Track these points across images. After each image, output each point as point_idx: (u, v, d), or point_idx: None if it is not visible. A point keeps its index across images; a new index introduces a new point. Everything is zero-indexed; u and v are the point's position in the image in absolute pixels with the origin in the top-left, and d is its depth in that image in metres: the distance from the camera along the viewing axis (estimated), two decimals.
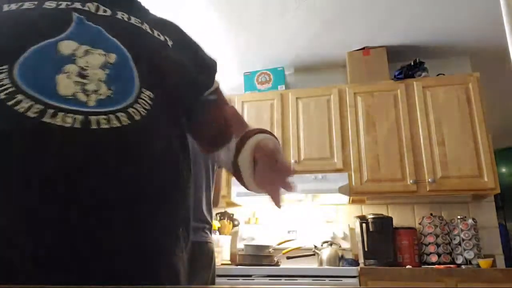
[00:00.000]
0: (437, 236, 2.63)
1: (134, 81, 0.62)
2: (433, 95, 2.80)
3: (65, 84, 0.55)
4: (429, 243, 2.63)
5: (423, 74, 2.93)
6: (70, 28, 0.61)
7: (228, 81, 3.56)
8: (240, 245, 2.92)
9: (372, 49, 3.07)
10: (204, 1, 2.60)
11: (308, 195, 2.86)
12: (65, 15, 0.63)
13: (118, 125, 0.56)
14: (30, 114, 0.51)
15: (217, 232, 2.96)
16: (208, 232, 1.46)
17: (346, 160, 2.81)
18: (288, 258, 2.72)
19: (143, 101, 0.61)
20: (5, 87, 0.52)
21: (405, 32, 2.94)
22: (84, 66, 0.58)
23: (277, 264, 2.63)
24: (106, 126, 0.55)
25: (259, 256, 2.61)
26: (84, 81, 0.57)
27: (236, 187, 2.86)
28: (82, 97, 0.56)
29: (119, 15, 0.70)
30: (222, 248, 2.85)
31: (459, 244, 2.59)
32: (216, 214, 3.09)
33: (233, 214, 3.15)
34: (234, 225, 3.12)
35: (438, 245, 2.61)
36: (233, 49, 3.16)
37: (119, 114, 0.57)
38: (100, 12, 0.68)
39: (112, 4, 0.71)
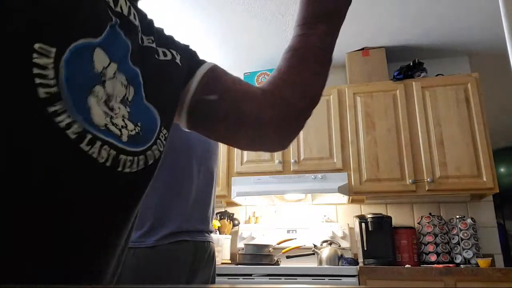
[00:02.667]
0: (436, 235, 2.65)
1: (156, 120, 0.55)
2: (432, 95, 2.81)
3: (97, 111, 0.45)
4: (428, 243, 2.64)
5: (422, 74, 2.94)
6: (104, 32, 0.48)
7: None
8: (240, 244, 2.93)
9: (371, 49, 3.08)
10: (205, 2, 2.61)
11: (308, 194, 2.88)
12: (104, 10, 0.49)
13: (134, 170, 0.49)
14: (71, 134, 0.41)
15: (217, 232, 2.97)
16: (209, 233, 1.50)
17: (346, 160, 2.82)
18: (287, 257, 2.73)
19: (160, 141, 0.55)
20: (47, 82, 0.40)
21: (404, 33, 2.96)
22: (110, 93, 0.48)
23: (277, 263, 2.64)
24: (127, 170, 0.48)
25: (259, 255, 2.62)
26: (111, 113, 0.47)
27: (236, 187, 2.87)
28: (115, 130, 0.47)
29: (139, 27, 0.58)
30: (222, 248, 2.86)
31: (458, 243, 2.60)
32: (216, 213, 3.10)
33: (233, 214, 3.16)
34: (234, 225, 3.13)
35: (437, 245, 2.62)
36: (233, 50, 3.17)
37: (139, 158, 0.50)
38: (131, 18, 0.55)
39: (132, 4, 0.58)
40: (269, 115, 0.67)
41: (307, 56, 0.68)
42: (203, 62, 0.70)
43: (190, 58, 0.69)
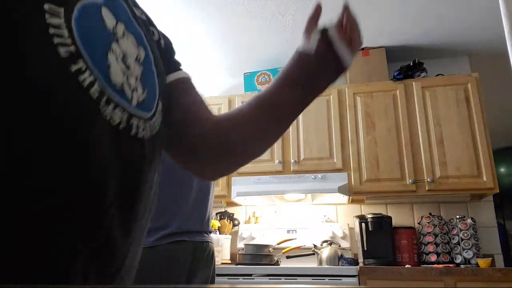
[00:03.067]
0: (436, 235, 2.65)
1: (156, 88, 0.55)
2: (432, 95, 2.81)
3: (116, 69, 0.45)
4: (428, 243, 2.64)
5: (422, 74, 2.94)
6: None
7: (228, 81, 3.57)
8: (240, 244, 2.93)
9: (371, 49, 3.08)
10: (205, 2, 2.61)
11: (308, 194, 2.88)
12: None
13: (147, 136, 0.49)
14: (93, 93, 0.41)
15: (217, 232, 2.97)
16: (208, 233, 1.51)
17: (346, 160, 2.82)
18: (288, 257, 2.73)
19: (159, 114, 0.55)
20: (64, 41, 0.40)
21: (404, 33, 2.95)
22: (125, 51, 0.48)
23: (277, 264, 2.63)
24: (140, 136, 0.48)
25: (259, 256, 2.62)
26: (127, 72, 0.47)
27: (236, 187, 2.87)
28: (128, 91, 0.46)
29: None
30: (222, 248, 2.86)
31: (458, 243, 2.60)
32: (216, 213, 3.10)
33: (233, 214, 3.16)
34: (234, 225, 3.13)
35: (437, 245, 2.62)
36: (233, 50, 3.17)
37: (147, 124, 0.50)
38: None
39: None
40: (206, 147, 0.68)
41: (270, 111, 0.68)
42: (177, 68, 0.70)
43: (169, 51, 0.69)
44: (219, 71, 3.45)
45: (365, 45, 3.09)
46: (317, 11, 0.68)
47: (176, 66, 0.70)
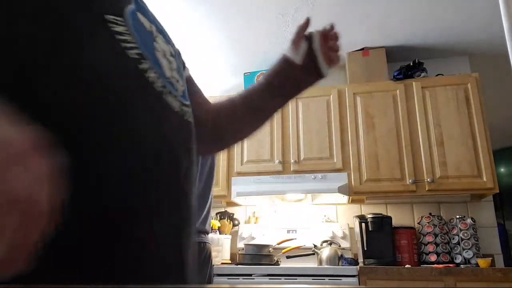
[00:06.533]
0: (436, 235, 2.65)
1: (185, 79, 0.62)
2: (432, 95, 2.81)
3: (165, 65, 0.52)
4: (428, 243, 2.64)
5: (422, 74, 2.94)
6: (133, 1, 0.54)
7: (228, 81, 3.57)
8: (240, 244, 2.93)
9: (371, 49, 3.08)
10: (205, 2, 2.61)
11: (308, 194, 2.88)
12: None
13: (192, 121, 0.56)
14: (157, 87, 0.48)
15: (217, 232, 2.97)
16: (205, 234, 1.50)
17: (346, 160, 2.82)
18: (288, 257, 2.73)
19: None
20: (131, 45, 0.47)
21: (404, 33, 2.95)
22: (162, 48, 0.54)
23: (277, 263, 2.63)
24: (190, 120, 0.55)
25: (259, 256, 2.62)
26: (170, 66, 0.54)
27: (236, 187, 2.87)
28: (175, 83, 0.54)
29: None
30: (222, 248, 2.86)
31: (458, 243, 2.60)
32: (216, 213, 3.10)
33: (233, 214, 3.16)
34: (234, 225, 3.13)
35: (437, 245, 2.62)
36: (233, 50, 3.17)
37: (190, 110, 0.57)
38: None
39: None
40: (207, 132, 0.76)
41: (254, 113, 0.80)
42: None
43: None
44: (219, 71, 3.45)
45: (365, 45, 3.10)
46: (306, 23, 0.76)
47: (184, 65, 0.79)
